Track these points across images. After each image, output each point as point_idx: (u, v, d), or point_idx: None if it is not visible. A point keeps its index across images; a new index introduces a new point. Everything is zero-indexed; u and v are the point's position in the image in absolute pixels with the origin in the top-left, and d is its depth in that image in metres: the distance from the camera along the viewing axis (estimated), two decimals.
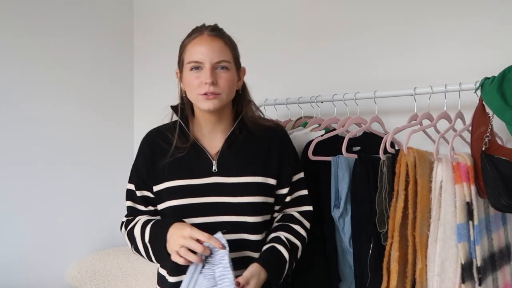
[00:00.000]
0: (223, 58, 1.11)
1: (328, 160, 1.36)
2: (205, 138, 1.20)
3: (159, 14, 2.49)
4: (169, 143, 1.18)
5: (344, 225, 1.34)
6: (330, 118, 1.53)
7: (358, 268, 1.29)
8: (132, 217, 1.22)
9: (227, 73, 1.12)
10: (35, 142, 2.12)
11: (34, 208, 2.11)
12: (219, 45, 1.11)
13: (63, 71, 2.24)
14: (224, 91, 1.12)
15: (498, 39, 1.43)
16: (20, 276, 2.04)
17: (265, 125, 1.24)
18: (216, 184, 1.14)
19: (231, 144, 1.18)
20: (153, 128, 1.26)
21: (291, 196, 1.24)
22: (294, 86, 1.92)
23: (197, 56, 1.10)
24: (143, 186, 1.21)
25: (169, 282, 1.18)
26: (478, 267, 1.15)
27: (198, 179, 1.15)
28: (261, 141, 1.21)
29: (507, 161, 1.14)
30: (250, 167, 1.17)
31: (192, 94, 1.13)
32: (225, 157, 1.17)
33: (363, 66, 1.73)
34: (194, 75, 1.11)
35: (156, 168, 1.18)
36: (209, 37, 1.11)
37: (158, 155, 1.19)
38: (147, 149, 1.21)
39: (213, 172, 1.15)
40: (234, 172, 1.15)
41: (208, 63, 1.09)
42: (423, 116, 1.36)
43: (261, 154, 1.19)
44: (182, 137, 1.18)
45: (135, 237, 1.15)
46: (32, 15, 2.12)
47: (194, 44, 1.12)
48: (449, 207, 1.16)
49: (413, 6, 1.61)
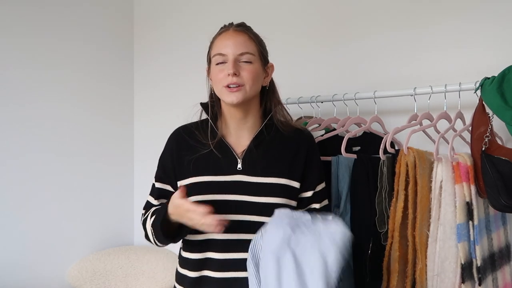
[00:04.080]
0: (247, 50, 1.12)
1: (328, 160, 1.36)
2: (232, 136, 1.21)
3: (159, 16, 2.49)
4: (196, 140, 1.20)
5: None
6: (330, 118, 1.53)
7: (358, 268, 1.29)
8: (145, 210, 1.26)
9: (250, 66, 1.12)
10: (36, 142, 2.13)
11: (35, 208, 2.11)
12: (244, 38, 1.13)
13: (63, 72, 2.24)
14: (247, 82, 1.12)
15: (498, 40, 1.43)
16: (20, 276, 2.04)
17: (294, 127, 1.24)
18: (240, 183, 1.14)
19: (258, 144, 1.18)
20: (181, 125, 1.27)
21: (320, 204, 1.22)
22: (294, 86, 1.92)
23: (221, 49, 1.12)
24: (165, 179, 1.24)
25: (190, 278, 1.18)
26: (478, 267, 1.15)
27: (222, 176, 1.15)
28: (289, 142, 1.21)
29: (507, 161, 1.14)
30: (276, 168, 1.16)
31: (217, 87, 1.15)
32: (251, 157, 1.17)
33: (363, 66, 1.73)
34: (219, 68, 1.13)
35: (182, 164, 1.20)
36: (234, 32, 1.14)
37: (185, 151, 1.20)
38: (174, 144, 1.23)
39: (238, 170, 1.15)
40: (259, 172, 1.15)
41: (232, 55, 1.11)
42: (423, 116, 1.36)
43: (288, 156, 1.19)
44: (209, 134, 1.19)
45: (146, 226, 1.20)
46: (32, 16, 2.12)
47: (219, 39, 1.15)
48: (449, 207, 1.16)
49: (413, 7, 1.61)
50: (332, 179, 1.34)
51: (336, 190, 1.34)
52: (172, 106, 2.33)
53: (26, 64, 2.10)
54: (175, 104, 2.21)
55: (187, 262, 1.21)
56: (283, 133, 1.20)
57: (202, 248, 1.17)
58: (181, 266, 1.24)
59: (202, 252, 1.17)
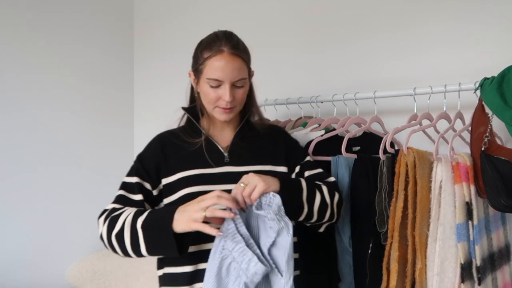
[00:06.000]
0: (242, 77, 1.17)
1: (328, 160, 1.36)
2: (216, 133, 1.28)
3: (159, 18, 2.49)
4: (182, 140, 1.25)
5: (344, 225, 1.34)
6: (330, 118, 1.53)
7: (358, 268, 1.29)
8: (121, 206, 1.18)
9: (243, 89, 1.20)
10: (36, 143, 2.13)
11: (35, 208, 2.11)
12: (239, 64, 1.16)
13: (62, 75, 2.24)
14: (239, 104, 1.21)
15: (498, 40, 1.43)
16: (20, 275, 2.04)
17: (268, 124, 1.36)
18: (228, 173, 1.20)
19: (241, 137, 1.27)
20: (164, 131, 1.31)
21: (310, 172, 1.27)
22: (294, 86, 1.92)
23: (217, 75, 1.14)
24: (145, 176, 1.21)
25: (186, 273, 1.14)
26: (477, 267, 1.15)
27: (211, 169, 1.20)
28: (266, 136, 1.31)
29: (507, 161, 1.14)
30: (260, 157, 1.25)
31: (209, 104, 1.20)
32: (236, 149, 1.25)
33: (363, 66, 1.73)
34: (212, 89, 1.16)
35: (168, 162, 1.22)
36: (229, 56, 1.14)
37: (171, 150, 1.23)
38: (158, 144, 1.25)
39: (225, 162, 1.22)
40: (245, 161, 1.22)
41: (228, 82, 1.15)
42: (423, 116, 1.36)
43: (269, 147, 1.29)
44: (193, 134, 1.26)
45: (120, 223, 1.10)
46: (32, 17, 2.12)
47: (215, 61, 1.14)
48: (448, 207, 1.16)
49: (413, 7, 1.61)
50: None
51: None
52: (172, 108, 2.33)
53: (25, 66, 2.10)
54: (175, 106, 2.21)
55: (175, 278, 1.16)
56: (259, 130, 1.30)
57: (193, 260, 1.14)
58: (166, 285, 1.19)
59: (193, 264, 1.14)
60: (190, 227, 1.00)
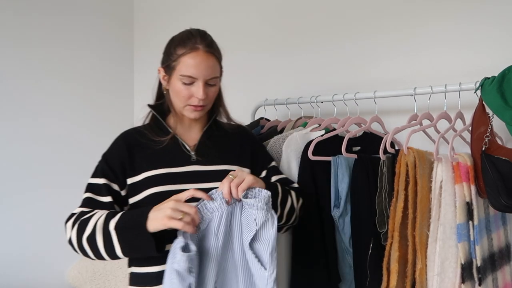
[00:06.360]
0: (215, 75, 1.18)
1: (328, 160, 1.36)
2: (183, 131, 1.27)
3: (159, 18, 2.49)
4: (147, 138, 1.22)
5: (344, 225, 1.34)
6: (330, 118, 1.53)
7: (358, 268, 1.29)
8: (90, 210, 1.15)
9: (215, 87, 1.21)
10: (36, 142, 2.13)
11: (34, 208, 2.11)
12: (213, 62, 1.17)
13: (62, 76, 2.25)
14: (210, 102, 1.22)
15: (498, 40, 1.43)
16: (20, 275, 2.04)
17: (235, 124, 1.36)
18: (195, 172, 1.20)
19: (208, 137, 1.27)
20: (128, 129, 1.29)
21: (276, 177, 1.32)
22: (294, 86, 1.92)
23: (191, 72, 1.14)
24: (113, 179, 1.18)
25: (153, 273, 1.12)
26: (478, 267, 1.15)
27: (178, 168, 1.19)
28: (233, 136, 1.32)
29: (507, 161, 1.14)
30: (226, 156, 1.26)
31: (180, 102, 1.19)
32: (203, 148, 1.25)
33: (363, 66, 1.73)
34: (185, 86, 1.16)
35: (133, 161, 1.19)
36: (204, 54, 1.15)
37: (136, 149, 1.21)
38: (122, 144, 1.22)
39: (192, 161, 1.22)
40: (211, 161, 1.23)
41: (202, 80, 1.15)
42: (423, 116, 1.36)
43: (236, 147, 1.30)
44: (160, 132, 1.24)
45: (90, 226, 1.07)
46: (32, 18, 2.12)
47: (189, 58, 1.14)
48: (449, 207, 1.16)
49: (413, 7, 1.61)
50: (332, 179, 1.34)
51: (336, 190, 1.34)
52: None
53: (25, 67, 2.10)
54: None
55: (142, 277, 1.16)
56: (227, 130, 1.31)
57: (160, 260, 1.10)
58: (133, 284, 1.18)
59: (160, 265, 1.11)
60: (165, 225, 1.00)
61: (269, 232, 1.06)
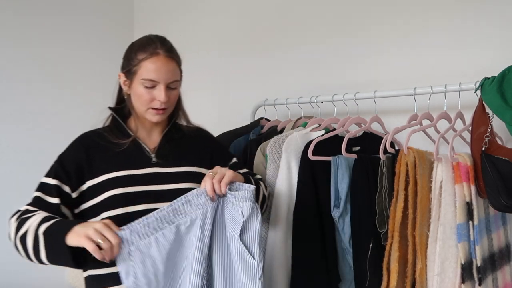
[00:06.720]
0: (176, 79, 1.21)
1: (328, 160, 1.36)
2: (144, 135, 1.28)
3: (159, 18, 2.49)
4: (107, 140, 1.23)
5: (344, 225, 1.34)
6: (330, 118, 1.53)
7: (358, 268, 1.29)
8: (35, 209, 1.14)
9: (175, 91, 1.24)
10: (36, 142, 2.13)
11: None
12: (173, 66, 1.20)
13: (62, 75, 2.25)
14: (172, 105, 1.25)
15: (498, 40, 1.43)
16: (20, 275, 2.04)
17: (194, 126, 1.38)
18: (155, 174, 1.22)
19: (168, 140, 1.29)
20: (87, 131, 1.30)
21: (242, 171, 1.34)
22: (294, 86, 1.92)
23: (153, 76, 1.17)
24: (66, 181, 1.17)
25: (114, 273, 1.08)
26: (478, 267, 1.15)
27: (138, 170, 1.21)
28: (193, 138, 1.34)
29: (507, 161, 1.14)
30: (186, 158, 1.28)
31: (142, 106, 1.21)
32: (163, 150, 1.27)
33: (363, 66, 1.73)
34: (147, 90, 1.18)
35: (93, 164, 1.20)
36: (165, 59, 1.18)
37: (95, 151, 1.22)
38: (80, 146, 1.23)
39: (152, 163, 1.23)
40: (171, 163, 1.25)
41: (163, 83, 1.18)
42: (423, 116, 1.36)
43: (195, 148, 1.32)
44: (120, 134, 1.25)
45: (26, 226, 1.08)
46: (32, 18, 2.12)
47: (150, 62, 1.17)
48: (449, 207, 1.16)
49: (413, 7, 1.61)
50: (332, 179, 1.34)
51: (336, 190, 1.34)
52: None
53: (25, 67, 2.10)
54: None
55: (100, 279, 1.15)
56: (186, 133, 1.34)
57: None
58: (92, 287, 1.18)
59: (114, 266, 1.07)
60: (80, 242, 0.98)
61: (254, 223, 1.11)
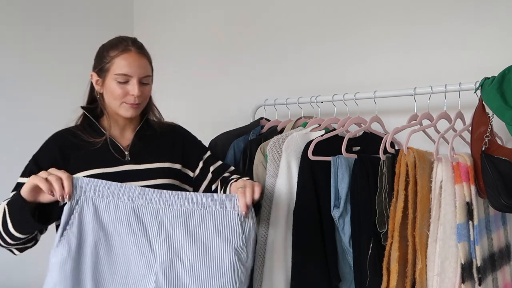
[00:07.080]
0: (148, 74, 1.26)
1: (328, 160, 1.36)
2: (117, 133, 1.31)
3: (159, 18, 2.49)
4: (81, 139, 1.26)
5: (344, 225, 1.34)
6: (330, 118, 1.53)
7: (358, 268, 1.29)
8: None
9: (148, 86, 1.27)
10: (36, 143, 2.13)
11: None
12: (145, 62, 1.25)
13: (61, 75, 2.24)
14: (144, 100, 1.28)
15: (498, 40, 1.43)
16: (19, 275, 2.04)
17: (166, 124, 1.41)
18: (129, 171, 1.25)
19: (141, 137, 1.32)
20: (61, 129, 1.32)
21: (214, 166, 1.38)
22: (294, 86, 1.92)
23: (126, 70, 1.21)
24: None
25: None
26: (478, 267, 1.15)
27: (112, 168, 1.24)
28: (165, 135, 1.37)
29: (507, 161, 1.14)
30: (158, 155, 1.31)
31: (115, 101, 1.23)
32: (136, 148, 1.30)
33: (363, 66, 1.73)
34: (120, 85, 1.21)
35: (68, 162, 1.22)
36: (136, 55, 1.23)
37: (70, 150, 1.24)
38: (53, 146, 1.25)
39: (126, 161, 1.27)
40: (144, 160, 1.28)
41: (136, 77, 1.22)
42: (423, 116, 1.36)
43: (167, 145, 1.35)
44: (93, 133, 1.27)
45: None
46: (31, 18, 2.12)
47: (123, 58, 1.21)
48: (449, 207, 1.16)
49: (413, 6, 1.61)
50: (332, 179, 1.34)
51: (336, 190, 1.34)
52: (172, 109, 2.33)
53: (24, 67, 2.10)
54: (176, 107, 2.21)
55: None
56: (157, 130, 1.36)
57: None
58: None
59: None
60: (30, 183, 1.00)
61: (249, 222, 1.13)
